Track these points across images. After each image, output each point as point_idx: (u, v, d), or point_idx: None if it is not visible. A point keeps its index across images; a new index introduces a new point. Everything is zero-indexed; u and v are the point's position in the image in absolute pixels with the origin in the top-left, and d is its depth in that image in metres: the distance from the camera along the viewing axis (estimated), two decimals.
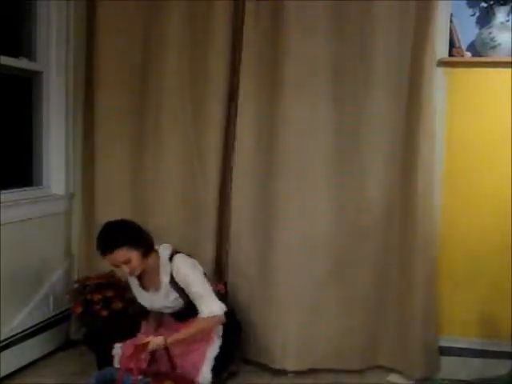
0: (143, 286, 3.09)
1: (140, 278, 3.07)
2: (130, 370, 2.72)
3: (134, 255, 2.90)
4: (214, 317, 2.94)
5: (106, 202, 3.76)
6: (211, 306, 2.93)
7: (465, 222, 3.44)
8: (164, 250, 3.03)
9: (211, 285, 3.09)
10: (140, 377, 2.79)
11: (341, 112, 3.48)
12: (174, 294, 3.00)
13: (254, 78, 3.57)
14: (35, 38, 3.69)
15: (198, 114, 3.65)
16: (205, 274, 3.10)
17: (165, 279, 2.98)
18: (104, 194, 3.77)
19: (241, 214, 3.61)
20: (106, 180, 3.76)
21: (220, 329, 3.08)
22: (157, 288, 3.02)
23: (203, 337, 3.01)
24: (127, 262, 2.90)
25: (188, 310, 3.01)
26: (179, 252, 3.06)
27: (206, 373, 2.98)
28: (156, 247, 3.05)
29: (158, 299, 3.04)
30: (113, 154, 3.77)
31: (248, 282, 3.60)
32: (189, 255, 3.10)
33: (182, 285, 2.97)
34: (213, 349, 3.04)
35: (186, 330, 2.92)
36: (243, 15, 3.54)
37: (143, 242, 2.95)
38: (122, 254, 2.88)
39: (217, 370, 3.03)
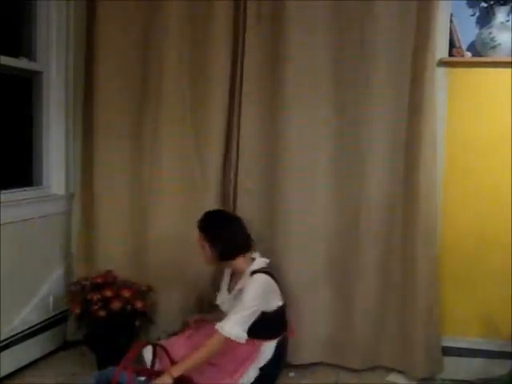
0: (229, 286, 3.17)
1: (231, 278, 3.18)
2: (125, 369, 2.72)
3: (207, 246, 3.04)
4: (219, 334, 2.83)
5: (106, 202, 3.76)
6: (227, 324, 2.84)
7: (465, 222, 3.45)
8: (258, 263, 3.07)
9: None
10: (142, 378, 2.80)
11: (342, 112, 3.49)
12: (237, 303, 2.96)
13: (255, 79, 3.57)
14: (35, 38, 3.69)
15: (198, 114, 3.65)
16: (280, 307, 3.04)
17: (238, 286, 3.04)
18: (104, 194, 3.77)
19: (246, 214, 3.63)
20: (106, 180, 3.76)
21: (261, 360, 3.00)
22: (233, 291, 3.09)
23: (236, 367, 2.93)
24: (202, 246, 3.07)
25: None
26: (267, 273, 3.03)
27: None
28: (255, 255, 3.11)
29: (228, 301, 3.09)
30: (113, 154, 3.76)
31: None
32: (276, 280, 3.06)
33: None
34: (246, 376, 2.95)
35: (191, 358, 2.82)
36: (244, 15, 3.54)
37: (220, 245, 3.02)
38: (199, 237, 3.07)
39: None
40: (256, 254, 3.13)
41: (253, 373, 2.97)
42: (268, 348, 3.01)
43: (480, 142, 3.41)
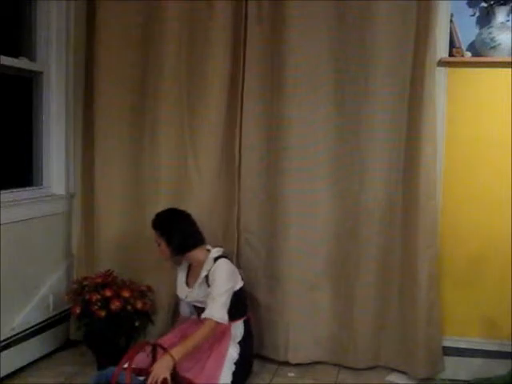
0: (188, 279, 3.34)
1: (188, 271, 3.35)
2: (124, 369, 2.72)
3: (163, 243, 3.25)
4: (210, 320, 3.03)
5: (106, 202, 3.76)
6: (213, 311, 3.05)
7: (465, 222, 3.44)
8: (215, 251, 3.28)
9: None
10: (142, 378, 2.80)
11: (342, 112, 3.50)
12: (206, 290, 3.16)
13: (255, 79, 3.58)
14: (35, 38, 3.69)
15: (197, 115, 3.65)
16: (241, 289, 3.27)
17: (203, 274, 3.20)
18: (104, 194, 3.77)
19: (247, 212, 3.65)
20: (106, 180, 3.76)
21: (238, 336, 3.21)
22: (195, 282, 3.24)
23: (215, 346, 3.09)
24: (158, 244, 3.27)
25: None
26: (227, 257, 3.29)
27: (225, 378, 3.05)
28: (209, 247, 3.31)
29: (193, 292, 3.26)
30: (113, 154, 3.77)
31: (253, 277, 3.63)
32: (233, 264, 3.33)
33: (210, 283, 3.14)
34: (229, 354, 3.12)
35: (188, 340, 2.98)
36: (245, 16, 3.54)
37: (176, 239, 3.24)
38: (156, 235, 3.28)
39: (238, 375, 3.12)
40: (209, 246, 3.32)
41: (234, 348, 3.16)
42: (237, 327, 3.23)
43: (480, 141, 3.40)
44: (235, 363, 3.14)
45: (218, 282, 3.11)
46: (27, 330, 3.49)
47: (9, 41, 3.54)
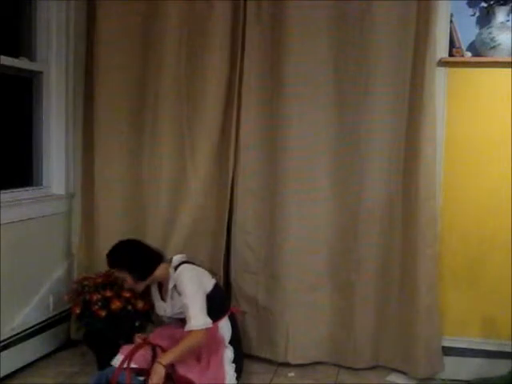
0: (161, 295, 3.29)
1: (160, 288, 3.29)
2: (124, 369, 2.72)
3: (127, 277, 3.19)
4: (194, 332, 2.98)
5: (106, 202, 3.77)
6: (192, 321, 3.00)
7: (465, 222, 3.44)
8: (175, 260, 3.23)
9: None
10: (142, 378, 2.80)
11: (342, 112, 3.49)
12: (178, 300, 3.12)
13: (255, 79, 3.57)
14: (35, 38, 3.69)
15: (197, 114, 3.65)
16: (215, 285, 3.23)
17: (170, 285, 3.17)
18: (104, 194, 3.77)
19: (246, 212, 3.64)
20: (106, 180, 3.76)
21: (228, 335, 3.21)
22: (167, 295, 3.21)
23: (212, 351, 3.11)
24: (124, 279, 3.22)
25: None
26: (188, 262, 3.23)
27: (231, 378, 3.09)
28: (170, 257, 3.27)
29: (169, 306, 3.22)
30: (113, 154, 3.77)
31: (251, 277, 3.64)
32: (199, 266, 3.28)
33: (180, 293, 3.10)
34: (226, 355, 3.14)
35: (176, 348, 2.97)
36: (244, 15, 3.54)
37: (137, 268, 3.19)
38: (117, 272, 3.23)
39: (237, 370, 3.18)
40: (171, 258, 3.26)
41: (228, 350, 3.17)
42: (224, 326, 3.21)
43: (480, 141, 3.40)
44: (233, 361, 3.17)
45: (185, 289, 3.07)
46: (27, 329, 3.49)
47: (9, 41, 3.54)
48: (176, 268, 3.17)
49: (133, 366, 2.89)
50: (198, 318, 3.00)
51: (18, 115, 3.71)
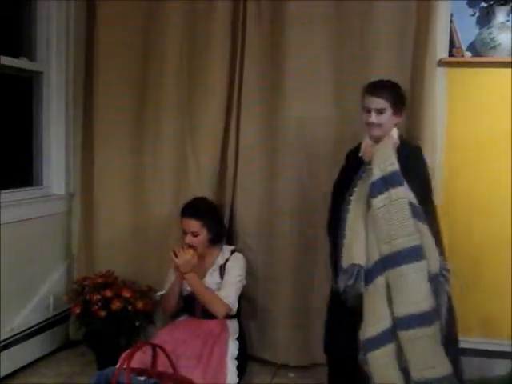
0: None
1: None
2: (124, 369, 2.72)
3: (203, 233, 3.24)
4: (222, 302, 3.16)
5: (106, 202, 3.77)
6: (229, 295, 3.19)
7: (465, 222, 3.44)
8: (229, 247, 3.40)
9: None
10: (143, 378, 2.80)
11: (342, 112, 3.49)
12: (217, 279, 3.26)
13: (255, 78, 3.58)
14: (35, 38, 3.69)
15: (197, 114, 3.65)
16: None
17: (220, 261, 3.31)
18: (104, 194, 3.77)
19: (245, 212, 3.65)
20: (106, 180, 3.77)
21: (235, 332, 3.27)
22: (204, 273, 3.29)
23: (216, 344, 3.10)
24: (195, 235, 3.24)
25: None
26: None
27: (232, 374, 3.07)
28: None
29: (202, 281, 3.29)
30: (112, 153, 3.77)
31: (251, 278, 3.61)
32: None
33: (226, 271, 3.25)
34: (230, 351, 3.15)
35: (204, 289, 3.18)
36: (244, 15, 3.55)
37: (216, 230, 3.31)
38: (195, 225, 3.23)
39: (239, 370, 3.16)
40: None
41: (233, 345, 3.19)
42: (233, 324, 3.29)
43: (480, 141, 3.41)
44: (236, 359, 3.15)
45: (235, 271, 3.24)
46: (27, 330, 3.49)
47: (9, 41, 3.54)
48: (232, 252, 3.33)
49: (133, 366, 2.89)
50: (232, 296, 3.19)
51: (18, 115, 3.71)
